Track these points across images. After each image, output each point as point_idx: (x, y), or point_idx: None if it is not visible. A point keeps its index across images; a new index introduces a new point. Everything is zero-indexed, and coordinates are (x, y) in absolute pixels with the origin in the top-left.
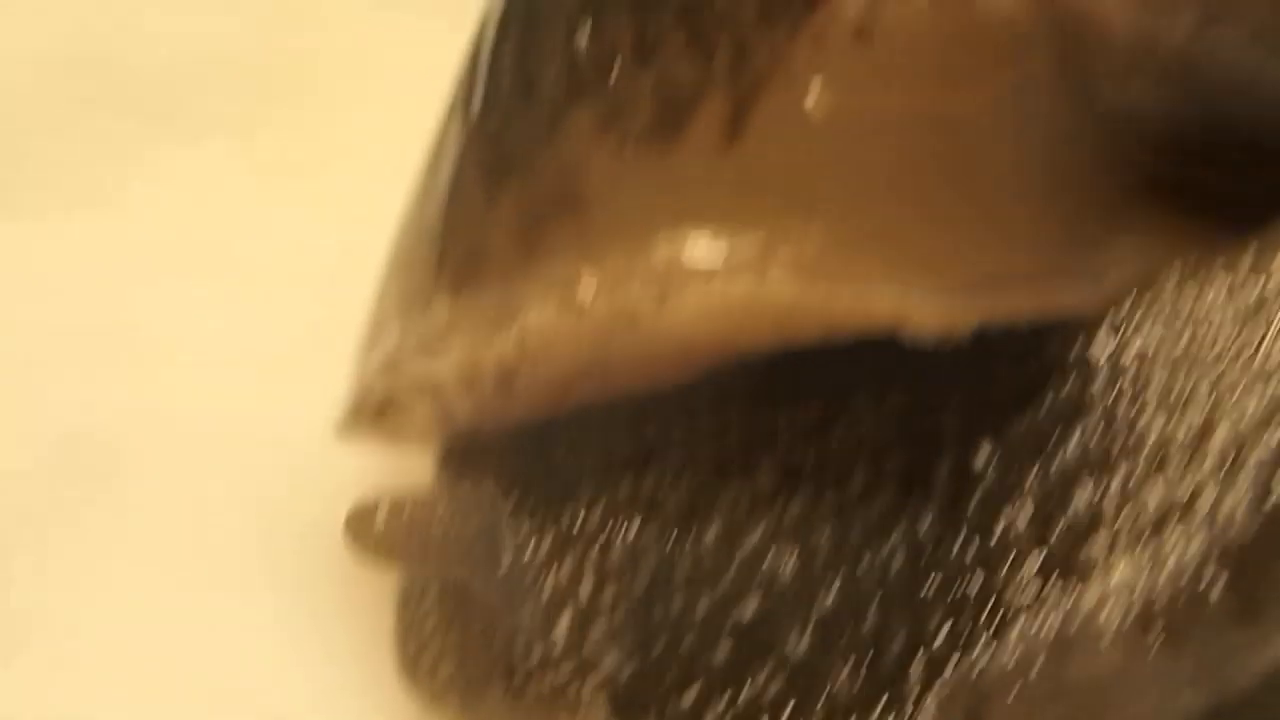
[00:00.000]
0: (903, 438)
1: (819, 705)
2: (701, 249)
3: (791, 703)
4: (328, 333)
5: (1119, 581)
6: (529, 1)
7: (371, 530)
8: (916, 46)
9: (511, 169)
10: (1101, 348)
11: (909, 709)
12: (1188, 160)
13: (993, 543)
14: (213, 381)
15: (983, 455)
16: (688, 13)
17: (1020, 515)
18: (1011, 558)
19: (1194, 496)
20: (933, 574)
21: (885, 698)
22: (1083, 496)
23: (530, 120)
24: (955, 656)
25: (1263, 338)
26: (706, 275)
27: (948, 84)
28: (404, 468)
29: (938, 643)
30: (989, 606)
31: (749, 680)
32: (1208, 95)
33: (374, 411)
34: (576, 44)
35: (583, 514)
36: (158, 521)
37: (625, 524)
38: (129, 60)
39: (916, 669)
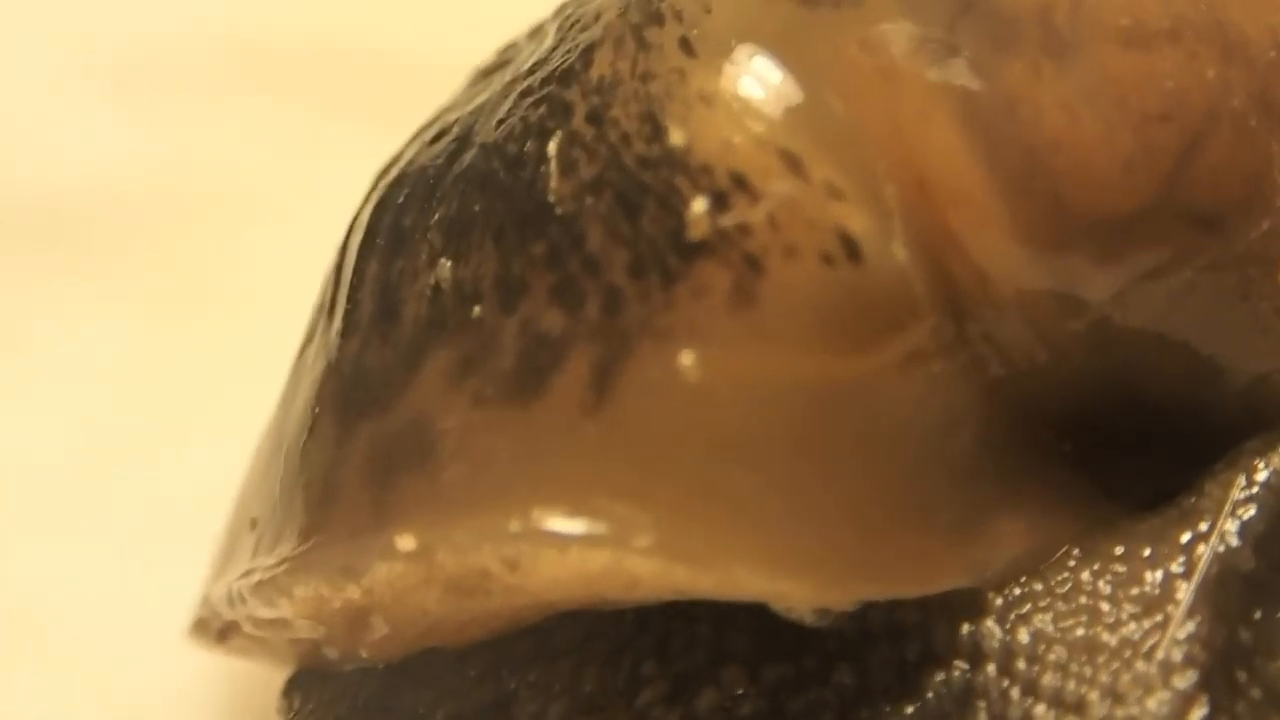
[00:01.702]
0: (775, 715)
1: None
2: (558, 517)
3: None
4: (204, 504)
5: None
6: (395, 217)
7: None
8: (801, 309)
9: (366, 406)
10: (990, 633)
11: None
12: (1088, 436)
13: None
14: (78, 558)
15: None
16: (556, 254)
17: None
18: None
19: None
20: None
21: None
22: None
23: (388, 354)
24: None
25: (1162, 633)
26: (561, 545)
27: (833, 350)
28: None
29: None
30: None
31: None
32: (1115, 367)
33: (217, 636)
34: (440, 274)
35: None
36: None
37: None
38: (19, 190)
39: None
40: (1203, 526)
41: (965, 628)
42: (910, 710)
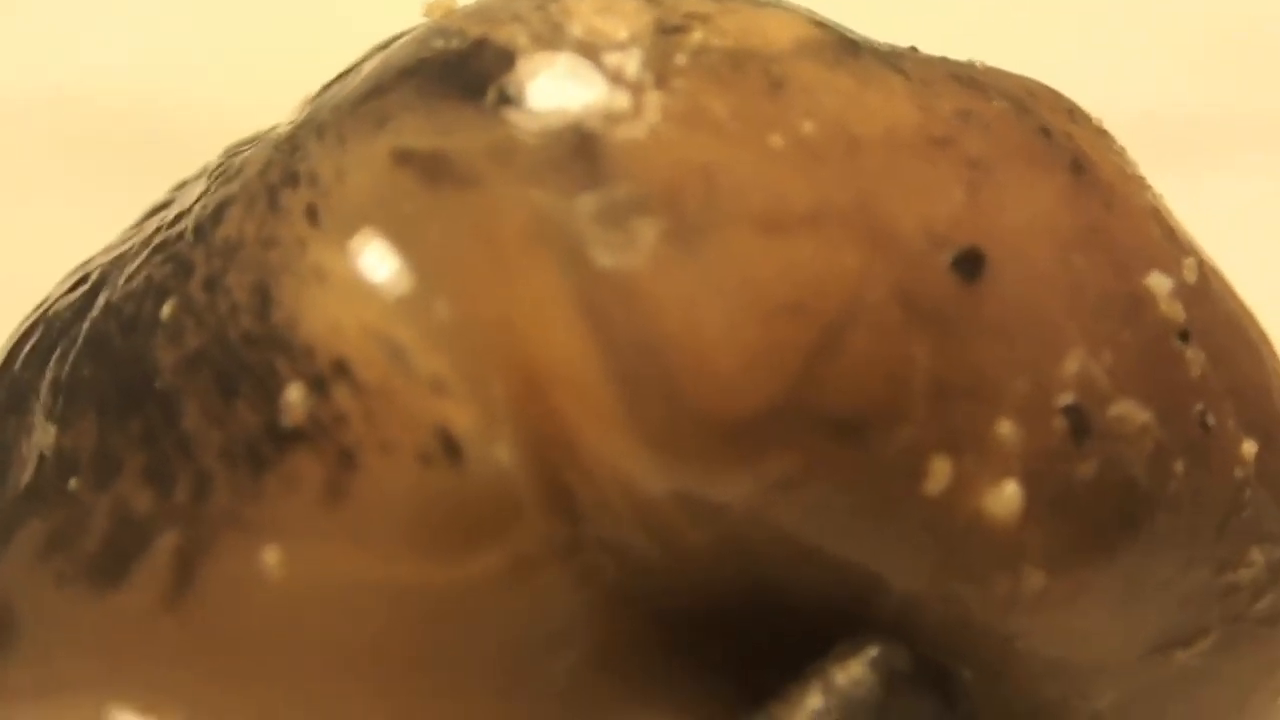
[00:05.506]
0: None
1: None
2: (128, 716)
3: None
4: None
5: None
6: (19, 369)
7: None
8: (395, 509)
9: None
10: None
11: None
12: (733, 642)
13: None
14: None
15: None
16: (151, 431)
17: None
18: None
19: None
20: None
21: None
22: None
23: None
24: None
25: None
26: None
27: (427, 556)
28: None
29: None
30: None
31: None
32: (752, 576)
33: None
34: (45, 439)
35: None
36: None
37: None
38: None
39: None
40: None
41: None
42: None
